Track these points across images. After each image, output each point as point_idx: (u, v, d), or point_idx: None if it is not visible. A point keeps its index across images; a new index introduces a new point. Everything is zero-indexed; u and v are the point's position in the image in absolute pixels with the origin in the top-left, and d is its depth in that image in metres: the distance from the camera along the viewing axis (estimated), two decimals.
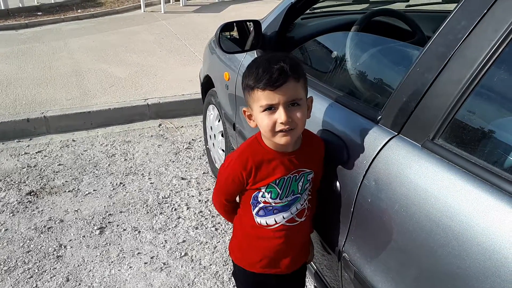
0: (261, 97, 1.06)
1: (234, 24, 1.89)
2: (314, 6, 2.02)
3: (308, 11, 2.01)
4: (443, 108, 0.94)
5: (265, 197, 1.17)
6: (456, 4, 0.99)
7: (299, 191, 1.19)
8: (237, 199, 1.29)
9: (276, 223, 1.20)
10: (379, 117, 1.11)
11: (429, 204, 0.91)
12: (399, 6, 2.54)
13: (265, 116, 1.07)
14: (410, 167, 0.98)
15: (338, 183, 1.20)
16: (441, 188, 0.91)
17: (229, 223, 2.36)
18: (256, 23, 1.78)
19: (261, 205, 1.19)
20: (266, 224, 1.21)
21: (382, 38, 1.60)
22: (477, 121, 0.97)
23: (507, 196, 0.78)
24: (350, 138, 1.18)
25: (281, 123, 1.05)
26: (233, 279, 1.48)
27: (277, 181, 1.16)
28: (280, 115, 1.05)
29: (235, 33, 1.94)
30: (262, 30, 1.80)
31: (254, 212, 1.21)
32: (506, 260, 0.75)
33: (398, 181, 1.00)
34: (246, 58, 2.02)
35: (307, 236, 1.34)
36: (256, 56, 1.90)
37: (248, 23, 1.87)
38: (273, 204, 1.18)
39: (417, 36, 1.80)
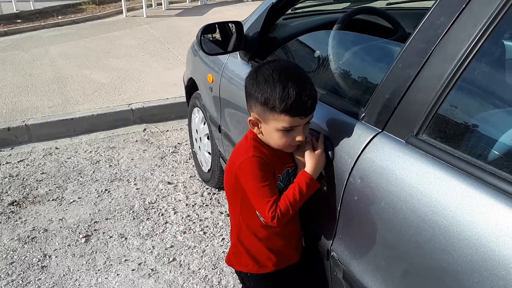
0: (286, 121, 1.08)
1: (216, 25, 1.88)
2: (296, 6, 2.02)
3: (289, 11, 2.01)
4: (425, 103, 0.94)
5: None
6: (435, 0, 1.00)
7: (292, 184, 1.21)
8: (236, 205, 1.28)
9: None
10: (363, 114, 1.11)
11: (415, 199, 0.91)
12: (380, 4, 2.56)
13: (283, 134, 1.12)
14: (395, 163, 0.98)
15: (324, 182, 1.19)
16: (426, 184, 0.91)
17: (217, 226, 2.35)
18: (238, 24, 1.77)
19: None
20: None
21: (364, 36, 1.61)
22: (459, 115, 0.97)
23: (491, 189, 0.79)
24: (334, 136, 1.18)
25: (299, 140, 1.12)
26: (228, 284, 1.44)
27: (281, 177, 1.21)
28: (299, 135, 1.12)
29: (217, 35, 1.93)
30: (244, 31, 1.79)
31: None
32: (492, 253, 0.75)
33: (383, 178, 1.00)
34: (229, 60, 2.01)
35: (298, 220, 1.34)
36: (239, 57, 1.89)
37: (230, 24, 1.86)
38: None
39: (398, 33, 1.82)
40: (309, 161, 1.15)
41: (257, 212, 1.20)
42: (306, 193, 1.14)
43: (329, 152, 1.16)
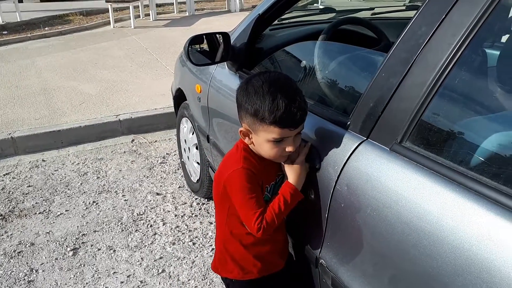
0: (276, 132, 1.10)
1: (204, 36, 1.89)
2: (282, 17, 2.05)
3: (276, 22, 2.03)
4: (408, 111, 0.96)
5: None
6: (416, 10, 1.03)
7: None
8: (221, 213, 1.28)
9: None
10: (348, 122, 1.13)
11: (400, 206, 0.92)
12: (364, 14, 2.60)
13: (274, 145, 1.13)
14: (380, 170, 1.00)
15: (311, 190, 1.20)
16: (410, 190, 0.92)
17: (207, 236, 2.34)
18: (225, 35, 1.78)
19: None
20: None
21: (349, 46, 1.64)
22: (441, 122, 1.00)
23: (473, 195, 0.80)
24: (320, 144, 1.20)
25: (290, 151, 1.13)
26: None
27: (269, 188, 1.22)
28: (290, 145, 1.13)
29: (205, 46, 1.94)
30: (231, 42, 1.81)
31: None
32: (475, 256, 0.77)
33: (369, 185, 1.01)
34: (217, 70, 2.02)
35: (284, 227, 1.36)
36: (226, 68, 1.90)
37: (217, 35, 1.87)
38: None
39: (382, 42, 1.85)
40: (291, 173, 1.18)
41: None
42: (290, 204, 1.16)
43: (316, 161, 1.18)
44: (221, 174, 1.23)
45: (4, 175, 3.12)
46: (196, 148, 2.54)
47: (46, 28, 8.04)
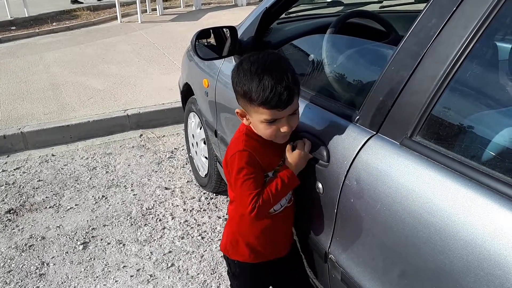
0: (266, 113, 1.11)
1: (211, 30, 1.88)
2: (289, 10, 2.03)
3: (283, 15, 2.01)
4: (419, 105, 0.95)
5: None
6: (426, 2, 1.01)
7: None
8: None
9: (281, 206, 1.27)
10: (357, 117, 1.12)
11: (410, 201, 0.91)
12: (373, 7, 2.57)
13: (267, 126, 1.14)
14: (390, 165, 0.99)
15: (320, 185, 1.20)
16: (421, 185, 0.91)
17: (215, 230, 2.35)
18: (232, 29, 1.78)
19: None
20: (273, 211, 1.25)
21: (357, 39, 1.62)
22: (452, 116, 0.98)
23: (485, 189, 0.80)
24: (330, 139, 1.19)
25: (284, 131, 1.14)
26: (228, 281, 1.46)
27: (278, 168, 1.23)
28: (283, 126, 1.14)
29: (212, 40, 1.94)
30: (239, 35, 1.80)
31: None
32: (487, 252, 0.76)
33: (379, 180, 1.00)
34: (224, 64, 2.02)
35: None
36: (234, 62, 1.90)
37: (224, 29, 1.86)
38: None
39: (391, 36, 1.83)
40: (289, 158, 1.20)
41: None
42: (287, 187, 1.19)
43: (325, 155, 1.17)
44: (225, 158, 1.26)
45: (14, 169, 3.15)
46: (204, 142, 2.55)
47: (54, 24, 8.07)
